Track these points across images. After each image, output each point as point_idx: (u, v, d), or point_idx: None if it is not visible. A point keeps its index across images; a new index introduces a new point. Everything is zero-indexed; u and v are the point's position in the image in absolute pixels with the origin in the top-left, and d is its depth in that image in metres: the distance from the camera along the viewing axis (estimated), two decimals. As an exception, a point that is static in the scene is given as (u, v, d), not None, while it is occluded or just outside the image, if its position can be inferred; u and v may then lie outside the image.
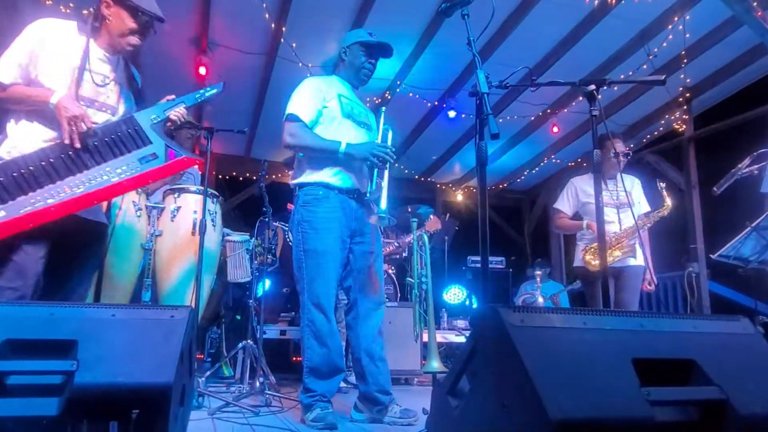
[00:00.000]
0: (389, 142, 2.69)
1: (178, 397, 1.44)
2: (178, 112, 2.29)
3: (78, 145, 2.01)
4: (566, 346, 1.15)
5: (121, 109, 2.32)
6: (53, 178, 1.97)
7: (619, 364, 1.14)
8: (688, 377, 1.21)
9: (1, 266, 1.98)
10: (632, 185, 3.49)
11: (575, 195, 3.53)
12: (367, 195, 2.62)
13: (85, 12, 2.35)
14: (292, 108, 2.62)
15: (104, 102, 2.25)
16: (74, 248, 2.18)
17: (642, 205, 3.49)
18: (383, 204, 2.49)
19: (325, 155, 2.59)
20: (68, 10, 3.92)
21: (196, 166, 4.09)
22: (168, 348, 1.40)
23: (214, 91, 2.42)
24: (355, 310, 2.66)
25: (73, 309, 1.45)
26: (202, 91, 2.40)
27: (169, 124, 2.29)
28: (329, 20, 4.59)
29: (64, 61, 2.13)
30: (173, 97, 2.33)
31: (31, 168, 1.95)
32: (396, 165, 3.04)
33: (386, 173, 2.56)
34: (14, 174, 1.93)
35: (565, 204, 3.55)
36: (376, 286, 2.69)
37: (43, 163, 1.97)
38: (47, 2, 3.86)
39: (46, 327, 1.37)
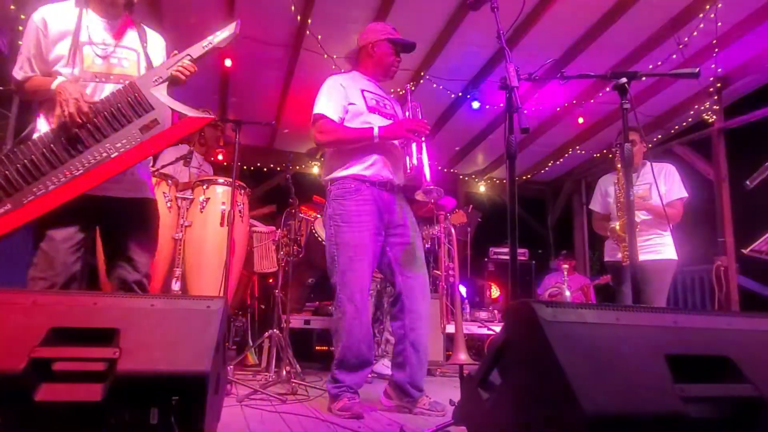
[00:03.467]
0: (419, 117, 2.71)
1: (213, 385, 1.48)
2: (182, 68, 2.08)
3: (72, 129, 1.94)
4: (599, 341, 1.16)
5: None
6: (54, 163, 1.94)
7: (653, 360, 1.15)
8: (722, 374, 1.21)
9: (35, 256, 2.02)
10: (659, 173, 3.43)
11: (602, 194, 3.61)
12: (408, 170, 2.64)
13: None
14: (318, 108, 2.65)
15: (120, 73, 2.13)
16: (123, 228, 2.18)
17: (670, 192, 3.40)
18: (428, 175, 2.48)
19: (358, 145, 2.61)
20: None
21: (200, 157, 4.15)
22: (205, 337, 1.44)
23: (226, 34, 2.13)
24: (400, 302, 2.66)
25: (114, 298, 1.51)
26: (209, 38, 2.13)
27: (174, 83, 2.10)
28: (354, 11, 4.59)
29: (64, 41, 2.06)
30: (177, 52, 2.13)
31: (32, 157, 1.94)
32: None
33: (424, 146, 2.57)
34: (17, 165, 1.92)
35: (596, 204, 3.67)
36: (420, 277, 2.69)
37: (44, 150, 1.95)
38: None
39: (89, 315, 1.42)
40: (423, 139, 2.58)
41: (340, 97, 2.67)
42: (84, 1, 2.11)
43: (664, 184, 3.41)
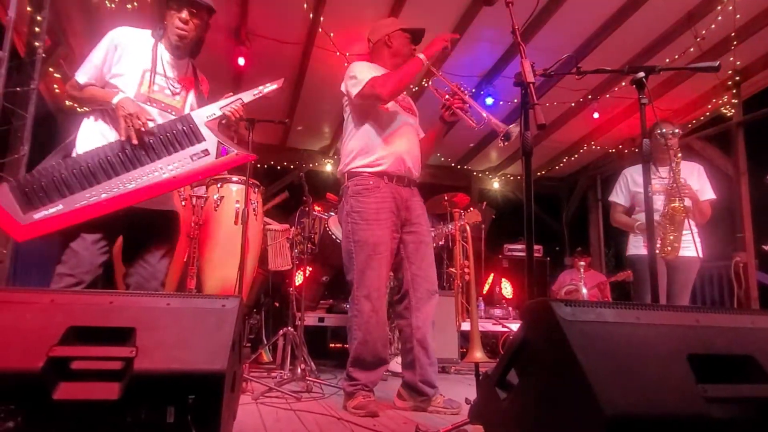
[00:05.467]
0: None
1: (229, 384, 1.48)
2: (233, 109, 2.33)
3: (135, 141, 2.09)
4: (620, 341, 1.14)
5: (186, 112, 2.38)
6: (109, 174, 2.07)
7: (674, 360, 1.12)
8: (746, 374, 1.18)
9: (63, 254, 2.11)
10: (691, 172, 3.42)
11: (627, 185, 3.54)
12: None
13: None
14: (363, 76, 2.61)
15: (171, 104, 2.35)
16: (146, 236, 2.29)
17: (701, 192, 3.39)
18: (496, 120, 2.49)
19: (412, 75, 2.61)
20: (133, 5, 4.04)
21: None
22: (220, 336, 1.44)
23: (273, 87, 2.42)
24: (407, 299, 2.66)
25: (130, 297, 1.51)
26: (260, 88, 2.41)
27: (224, 121, 2.34)
28: (367, 8, 4.57)
29: (134, 64, 2.27)
30: (231, 94, 2.37)
31: (89, 164, 2.05)
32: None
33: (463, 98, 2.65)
34: (74, 170, 2.04)
35: (619, 196, 3.58)
36: (430, 276, 2.69)
37: (100, 160, 2.07)
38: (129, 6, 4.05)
39: (106, 315, 1.43)
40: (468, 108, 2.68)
41: (376, 72, 2.67)
42: (159, 36, 2.34)
43: (697, 182, 3.40)
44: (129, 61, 2.26)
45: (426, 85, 5.50)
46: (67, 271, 2.09)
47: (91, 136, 2.22)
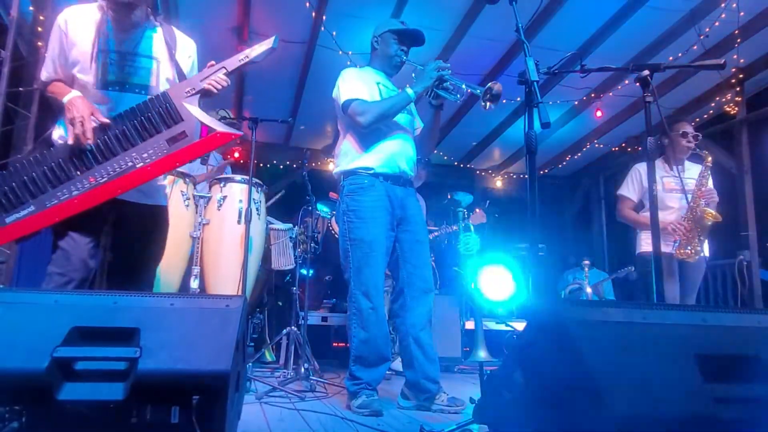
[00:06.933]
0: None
1: (234, 384, 1.48)
2: (214, 80, 2.06)
3: (87, 143, 1.91)
4: (627, 341, 1.13)
5: (162, 87, 2.12)
6: (80, 168, 1.93)
7: (682, 360, 1.12)
8: (754, 374, 1.17)
9: (52, 253, 2.01)
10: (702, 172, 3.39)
11: (639, 181, 3.45)
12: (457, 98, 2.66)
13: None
14: (348, 94, 2.63)
15: (137, 83, 2.08)
16: (135, 234, 2.14)
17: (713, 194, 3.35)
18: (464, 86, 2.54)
19: (398, 109, 2.63)
20: None
21: (225, 160, 4.18)
22: (225, 336, 1.44)
23: (264, 48, 2.13)
24: (402, 298, 2.67)
25: (134, 298, 1.50)
26: (246, 52, 2.12)
27: (208, 95, 2.08)
28: (369, 6, 4.56)
29: (86, 48, 2.02)
30: (213, 63, 2.10)
31: (60, 160, 1.92)
32: (435, 152, 3.06)
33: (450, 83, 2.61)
34: (44, 167, 1.92)
35: (630, 190, 3.49)
36: (424, 275, 2.70)
37: (71, 154, 1.93)
38: None
39: (110, 315, 1.43)
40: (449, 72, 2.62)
41: (363, 83, 2.68)
42: (104, 7, 2.06)
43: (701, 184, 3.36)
44: (81, 47, 2.01)
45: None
46: (56, 269, 1.97)
47: (63, 130, 2.02)
